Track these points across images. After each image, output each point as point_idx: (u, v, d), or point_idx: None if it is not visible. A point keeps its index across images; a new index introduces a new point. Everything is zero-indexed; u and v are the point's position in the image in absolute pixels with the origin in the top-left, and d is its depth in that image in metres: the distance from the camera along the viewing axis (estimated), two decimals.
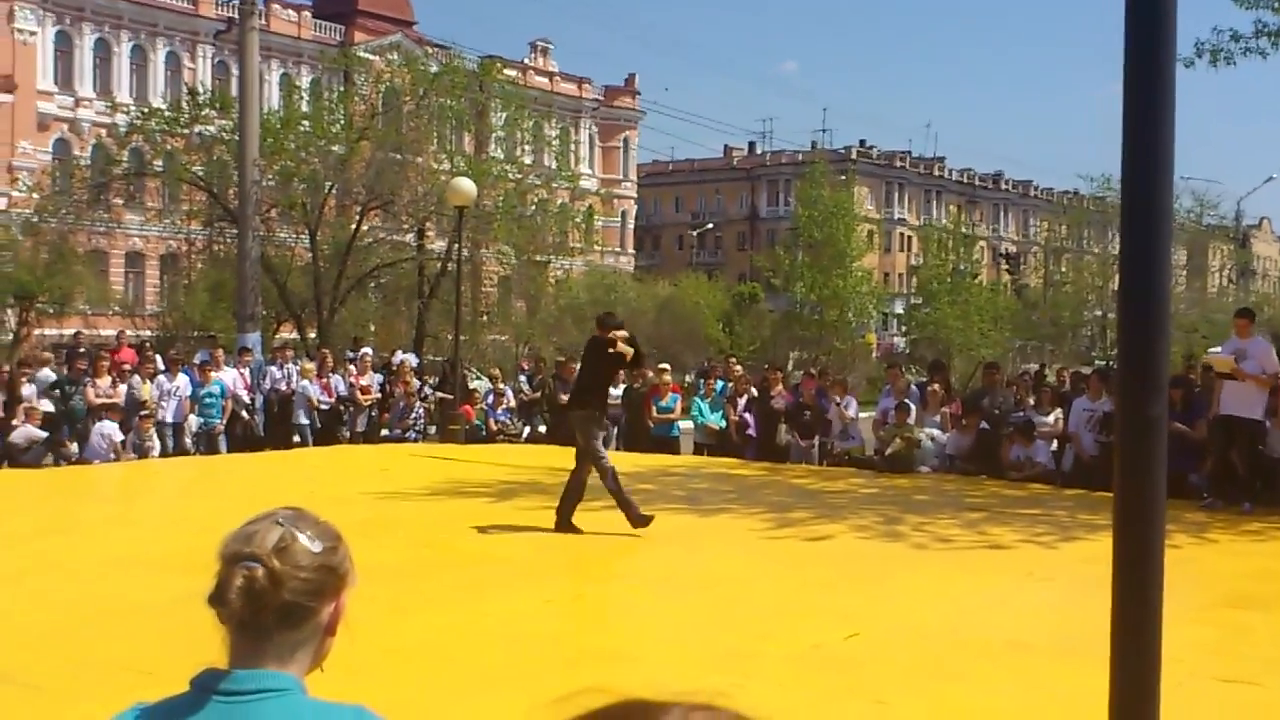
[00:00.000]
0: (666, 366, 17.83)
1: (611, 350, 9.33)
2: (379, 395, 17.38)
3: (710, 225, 72.43)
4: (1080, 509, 10.67)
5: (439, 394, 17.73)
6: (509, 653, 5.84)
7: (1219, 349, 12.09)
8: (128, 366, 15.79)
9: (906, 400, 14.44)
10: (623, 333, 9.46)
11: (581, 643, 6.11)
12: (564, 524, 9.07)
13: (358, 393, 17.01)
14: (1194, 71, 14.37)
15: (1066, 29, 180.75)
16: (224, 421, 15.86)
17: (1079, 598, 6.84)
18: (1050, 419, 13.74)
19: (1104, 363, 34.39)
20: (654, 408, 15.84)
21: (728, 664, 5.56)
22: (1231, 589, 7.75)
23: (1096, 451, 12.48)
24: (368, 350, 19.06)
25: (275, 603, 1.62)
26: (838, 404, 15.02)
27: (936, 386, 15.01)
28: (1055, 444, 13.77)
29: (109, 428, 14.34)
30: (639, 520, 8.97)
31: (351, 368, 17.42)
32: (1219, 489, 11.10)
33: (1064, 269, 58.38)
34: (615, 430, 15.15)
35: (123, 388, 15.21)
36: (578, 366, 11.08)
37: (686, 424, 16.47)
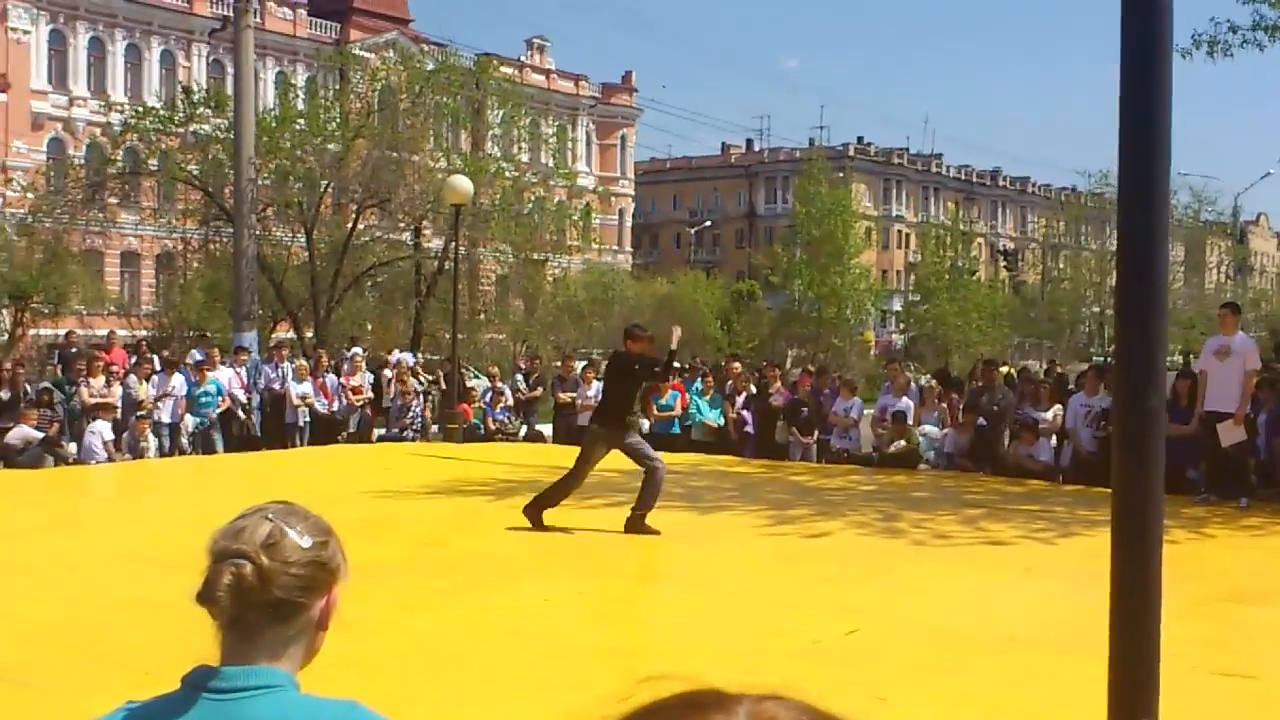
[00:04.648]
0: None
1: (637, 366, 9.13)
2: (370, 395, 17.35)
3: (708, 223, 72.38)
4: (1079, 505, 10.67)
5: (438, 385, 17.70)
6: (511, 649, 5.83)
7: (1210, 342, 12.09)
8: (116, 367, 15.72)
9: (900, 409, 14.37)
10: (641, 345, 9.22)
11: (583, 639, 6.09)
12: (535, 518, 9.03)
13: (348, 393, 16.99)
14: (1191, 64, 14.35)
15: (1066, 24, 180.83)
16: (215, 414, 15.74)
17: (1078, 593, 6.83)
18: (1049, 415, 13.73)
19: (1102, 359, 34.39)
20: (654, 406, 15.83)
21: (730, 659, 5.54)
22: (1230, 584, 7.75)
23: (1094, 448, 12.47)
24: (358, 350, 19.03)
25: (264, 599, 1.59)
26: (846, 408, 15.01)
27: (934, 384, 15.01)
28: (1055, 440, 13.77)
29: (102, 427, 14.29)
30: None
31: (345, 367, 17.40)
32: (1214, 484, 11.09)
33: (1062, 266, 58.44)
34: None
35: (117, 387, 15.16)
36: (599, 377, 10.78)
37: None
